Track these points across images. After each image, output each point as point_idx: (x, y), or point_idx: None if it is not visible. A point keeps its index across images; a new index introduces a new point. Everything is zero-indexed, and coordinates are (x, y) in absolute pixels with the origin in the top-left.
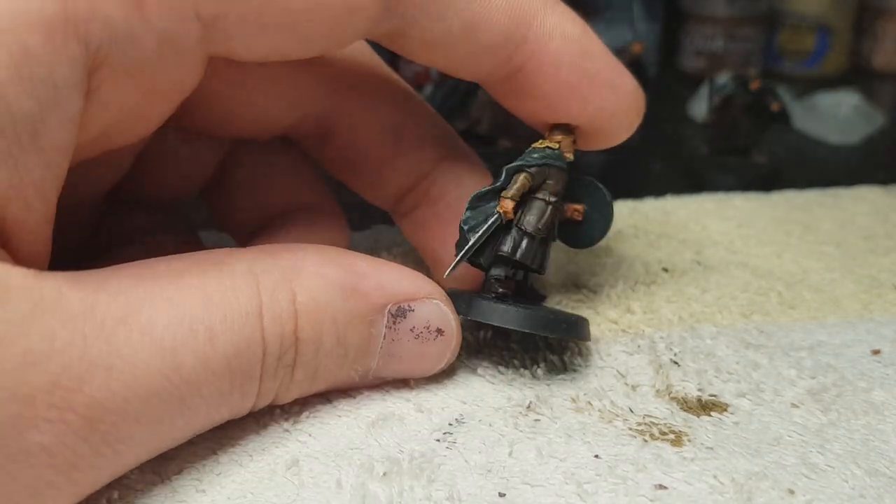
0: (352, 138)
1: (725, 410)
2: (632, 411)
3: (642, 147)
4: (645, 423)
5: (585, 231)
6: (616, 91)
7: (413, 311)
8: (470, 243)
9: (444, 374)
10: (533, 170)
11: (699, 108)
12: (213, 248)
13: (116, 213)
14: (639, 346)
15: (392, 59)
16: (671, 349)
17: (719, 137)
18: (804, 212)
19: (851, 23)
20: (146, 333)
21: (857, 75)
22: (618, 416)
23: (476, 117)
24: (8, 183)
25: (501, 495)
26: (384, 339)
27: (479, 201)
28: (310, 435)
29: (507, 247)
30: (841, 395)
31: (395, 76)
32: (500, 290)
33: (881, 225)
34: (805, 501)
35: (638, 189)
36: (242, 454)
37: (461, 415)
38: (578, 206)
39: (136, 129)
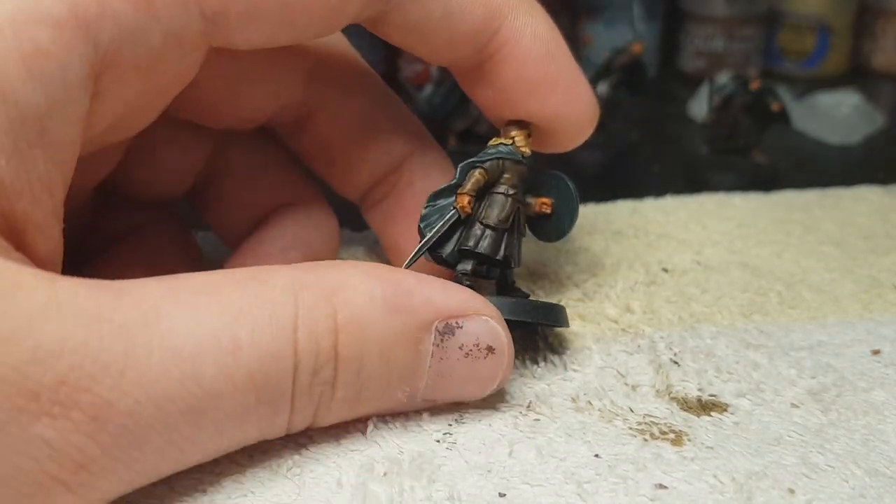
0: (325, 128)
1: (725, 410)
2: (632, 411)
3: (642, 147)
4: (645, 423)
5: (555, 224)
6: (573, 98)
7: (461, 327)
8: (425, 238)
9: None
10: (487, 164)
11: (699, 108)
12: (210, 247)
13: (110, 211)
14: (639, 346)
15: (392, 58)
16: (671, 349)
17: (719, 137)
18: (804, 212)
19: (851, 23)
20: (166, 339)
21: (857, 75)
22: (618, 415)
23: (476, 117)
24: (16, 177)
25: (502, 495)
26: (432, 357)
27: (436, 199)
28: (310, 437)
29: (470, 241)
30: (841, 395)
31: (369, 69)
32: (467, 283)
33: (881, 225)
34: (805, 501)
35: (638, 189)
36: (243, 454)
37: (461, 415)
38: (546, 200)
39: (136, 123)
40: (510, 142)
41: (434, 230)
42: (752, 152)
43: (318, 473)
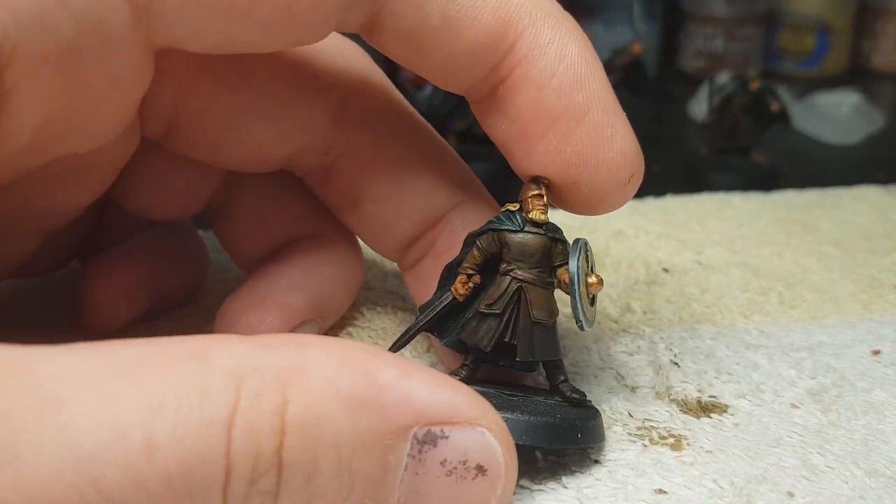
0: (353, 178)
1: (725, 411)
2: (631, 415)
3: (642, 147)
4: (644, 428)
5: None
6: (603, 139)
7: (447, 438)
8: (407, 336)
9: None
10: (482, 239)
11: (699, 108)
12: (214, 246)
13: (115, 214)
14: (639, 347)
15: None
16: (671, 349)
17: (719, 137)
18: (804, 212)
19: (851, 23)
20: (63, 432)
21: (857, 75)
22: (617, 420)
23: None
24: None
25: None
26: (405, 470)
27: (448, 275)
28: None
29: (463, 330)
30: (841, 396)
31: (408, 108)
32: (462, 375)
33: (881, 225)
34: None
35: (638, 189)
36: None
37: None
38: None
39: (83, 132)
40: (516, 207)
41: (424, 315)
42: (752, 152)
43: None
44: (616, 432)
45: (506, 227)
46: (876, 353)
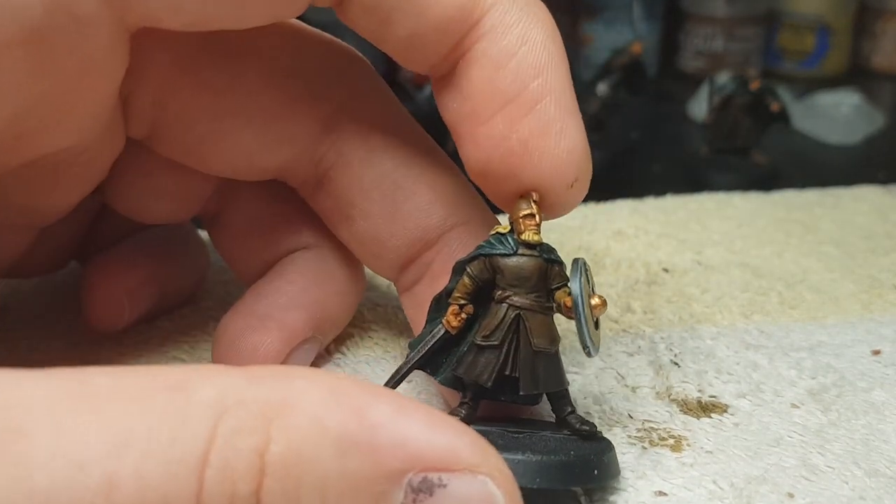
0: (345, 191)
1: (725, 411)
2: (631, 416)
3: (642, 147)
4: (644, 429)
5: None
6: (552, 134)
7: (445, 486)
8: (398, 375)
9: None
10: (472, 266)
11: (699, 108)
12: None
13: (113, 215)
14: (639, 347)
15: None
16: (671, 349)
17: (719, 137)
18: (804, 212)
19: (851, 22)
20: (18, 465)
21: (857, 75)
22: (617, 422)
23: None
24: None
25: None
26: None
27: (437, 307)
28: None
29: (460, 366)
30: (841, 396)
31: (407, 118)
32: (462, 412)
33: (881, 225)
34: None
35: (638, 189)
36: None
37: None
38: (568, 296)
39: (59, 125)
40: (507, 228)
41: (415, 352)
42: (752, 152)
43: None
44: (616, 434)
45: (498, 252)
46: (876, 353)
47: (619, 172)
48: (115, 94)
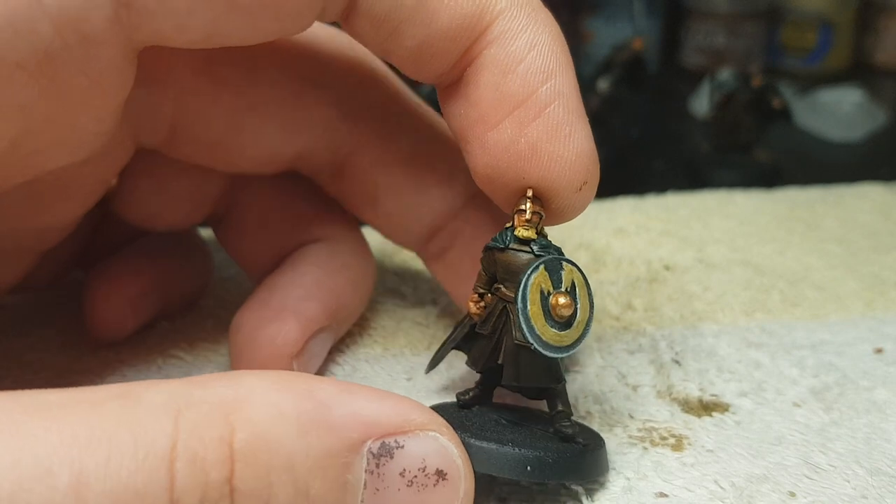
0: (366, 171)
1: (727, 410)
2: (632, 416)
3: (643, 144)
4: (645, 429)
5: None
6: (561, 137)
7: (402, 447)
8: (437, 355)
9: (445, 379)
10: (482, 258)
11: (701, 104)
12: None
13: (116, 215)
14: (640, 345)
15: None
16: (672, 348)
17: (721, 134)
18: (806, 209)
19: (854, 19)
20: None
21: (860, 72)
22: (618, 422)
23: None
24: None
25: (502, 500)
26: (365, 488)
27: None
28: None
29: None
30: (843, 394)
31: (416, 98)
32: (468, 395)
33: (884, 222)
34: None
35: (640, 186)
36: None
37: None
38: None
39: (64, 143)
40: (510, 223)
41: (450, 334)
42: (754, 149)
43: None
44: (617, 434)
45: (495, 245)
46: (878, 351)
47: (620, 169)
48: (121, 109)
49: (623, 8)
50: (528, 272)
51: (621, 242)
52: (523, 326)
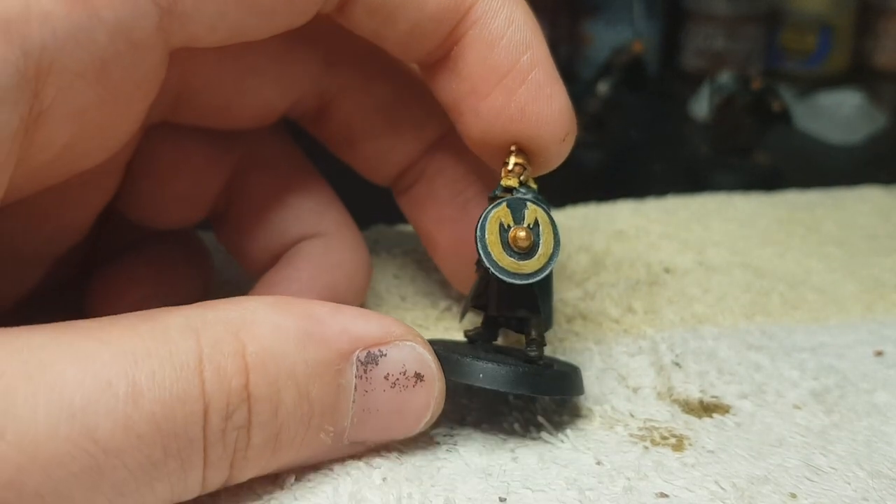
0: (348, 115)
1: (727, 412)
2: (632, 416)
3: (643, 147)
4: (646, 428)
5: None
6: (545, 96)
7: (385, 355)
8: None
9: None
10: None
11: (700, 107)
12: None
13: (117, 228)
14: (640, 348)
15: None
16: (673, 350)
17: (721, 137)
18: (806, 212)
19: (854, 21)
20: (53, 391)
21: (860, 74)
22: (619, 421)
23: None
24: None
25: (502, 500)
26: (356, 391)
27: None
28: None
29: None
30: (844, 397)
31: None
32: (468, 334)
33: (884, 225)
34: None
35: (639, 189)
36: None
37: (463, 416)
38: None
39: (103, 143)
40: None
41: (476, 281)
42: (754, 152)
43: (315, 482)
44: (618, 433)
45: (491, 195)
46: (878, 353)
47: (619, 172)
48: (148, 109)
49: (623, 11)
50: (490, 207)
51: (621, 245)
52: (480, 252)
